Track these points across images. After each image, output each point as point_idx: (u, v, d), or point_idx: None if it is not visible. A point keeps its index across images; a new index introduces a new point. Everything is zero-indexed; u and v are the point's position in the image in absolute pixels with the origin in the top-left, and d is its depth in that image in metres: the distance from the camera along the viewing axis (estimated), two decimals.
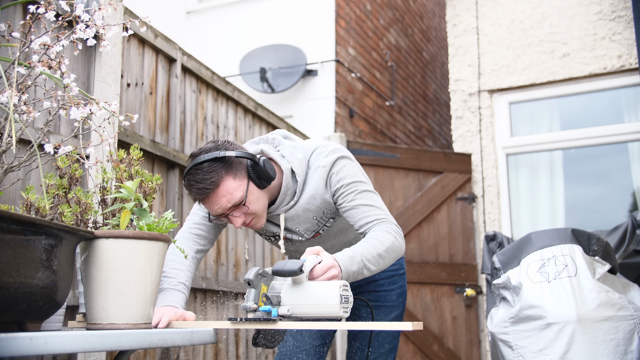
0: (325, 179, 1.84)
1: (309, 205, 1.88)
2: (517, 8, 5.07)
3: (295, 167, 1.86)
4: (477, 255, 4.80)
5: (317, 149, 1.90)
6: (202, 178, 1.69)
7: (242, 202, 1.74)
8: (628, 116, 4.73)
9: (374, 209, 1.81)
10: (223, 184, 1.71)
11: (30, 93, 1.95)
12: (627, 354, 2.24)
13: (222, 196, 1.71)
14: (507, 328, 2.43)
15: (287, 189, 1.86)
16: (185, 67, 3.20)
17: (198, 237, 1.90)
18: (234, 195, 1.73)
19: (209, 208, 1.76)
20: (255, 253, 3.73)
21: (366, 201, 1.82)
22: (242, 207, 1.76)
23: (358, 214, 1.81)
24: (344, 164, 1.85)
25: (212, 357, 3.19)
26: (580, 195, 4.93)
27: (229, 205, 1.73)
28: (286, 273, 1.47)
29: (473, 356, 4.65)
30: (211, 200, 1.72)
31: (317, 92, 5.18)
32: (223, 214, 1.76)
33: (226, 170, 1.72)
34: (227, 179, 1.72)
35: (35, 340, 1.06)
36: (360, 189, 1.83)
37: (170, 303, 1.66)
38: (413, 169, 4.82)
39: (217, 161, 1.72)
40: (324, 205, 1.88)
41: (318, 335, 2.19)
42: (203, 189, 1.69)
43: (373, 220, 1.79)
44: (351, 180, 1.83)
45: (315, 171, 1.85)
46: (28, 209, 1.39)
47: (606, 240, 2.54)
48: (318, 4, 5.35)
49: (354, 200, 1.82)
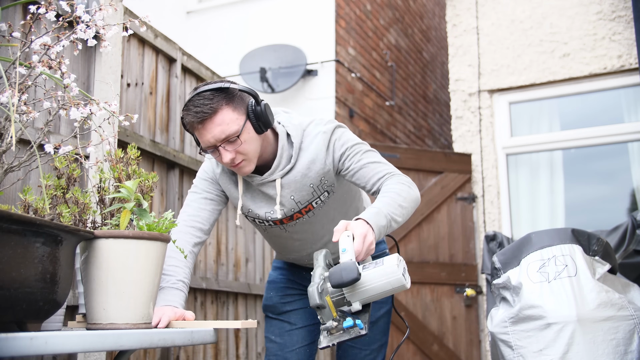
0: (326, 144, 1.87)
1: (308, 171, 1.88)
2: (517, 8, 5.07)
3: (291, 130, 1.88)
4: (477, 255, 4.80)
5: (313, 120, 1.94)
6: (202, 103, 1.70)
7: (236, 135, 1.73)
8: (628, 116, 4.73)
9: (381, 164, 1.87)
10: (221, 112, 1.71)
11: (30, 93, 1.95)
12: (627, 354, 2.24)
13: (217, 124, 1.71)
14: (507, 328, 2.43)
15: (282, 151, 1.87)
16: (185, 67, 3.20)
17: (194, 229, 1.88)
18: (230, 127, 1.73)
19: (201, 137, 1.74)
20: (255, 253, 3.73)
21: (373, 159, 1.88)
22: (236, 142, 1.75)
23: (368, 172, 1.86)
24: (343, 131, 1.92)
25: (212, 357, 3.19)
26: (580, 195, 4.93)
27: (223, 137, 1.72)
28: (350, 282, 1.45)
29: (473, 356, 4.65)
30: (206, 127, 1.72)
31: (317, 92, 5.18)
32: (214, 146, 1.75)
33: (227, 101, 1.73)
34: (226, 109, 1.72)
35: (36, 340, 1.06)
36: (365, 149, 1.90)
37: (169, 302, 1.66)
38: (413, 169, 4.82)
39: (220, 91, 1.73)
40: (323, 172, 1.89)
41: (308, 334, 2.20)
42: (201, 113, 1.70)
43: (384, 174, 1.85)
44: (354, 142, 1.90)
45: (315, 137, 1.88)
46: (26, 210, 1.39)
47: (606, 240, 2.54)
48: (318, 4, 5.35)
49: (362, 160, 1.87)
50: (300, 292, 2.24)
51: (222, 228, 3.44)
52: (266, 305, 2.26)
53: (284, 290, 2.23)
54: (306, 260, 2.15)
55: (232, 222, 3.54)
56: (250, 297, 3.61)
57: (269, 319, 2.25)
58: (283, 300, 2.22)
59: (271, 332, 2.22)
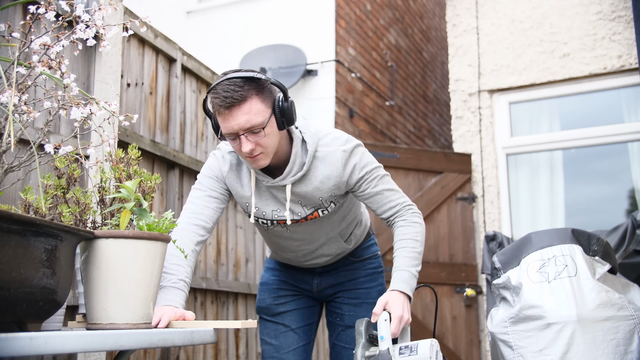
0: (344, 163, 1.89)
1: (321, 185, 1.90)
2: (517, 8, 5.07)
3: (307, 137, 1.88)
4: (477, 255, 4.80)
5: (331, 133, 1.95)
6: (232, 89, 1.69)
7: (261, 127, 1.72)
8: (628, 116, 4.73)
9: (395, 193, 1.97)
10: (250, 101, 1.70)
11: (30, 93, 1.95)
12: (627, 354, 2.23)
13: (244, 113, 1.70)
14: (507, 328, 2.43)
15: (296, 157, 1.87)
16: (185, 67, 3.20)
17: (197, 227, 1.87)
18: (256, 118, 1.71)
19: (225, 122, 1.73)
20: (255, 253, 3.73)
21: (388, 185, 1.96)
22: (259, 134, 1.74)
23: (382, 199, 1.94)
24: (362, 152, 1.94)
25: (212, 357, 3.19)
26: (580, 195, 4.93)
27: (247, 126, 1.71)
28: None
29: (473, 356, 4.65)
30: (232, 113, 1.70)
31: (317, 92, 5.18)
32: (236, 134, 1.74)
33: (257, 91, 1.72)
34: (256, 99, 1.71)
35: (36, 340, 1.06)
36: (381, 174, 1.95)
37: (170, 302, 1.65)
38: (413, 169, 4.82)
39: (251, 80, 1.72)
40: (335, 189, 1.92)
41: (304, 335, 2.21)
42: (230, 98, 1.68)
43: (396, 208, 1.95)
44: (373, 166, 1.93)
45: (334, 153, 1.89)
46: (27, 210, 1.39)
47: (606, 240, 2.53)
48: (318, 4, 5.35)
49: (377, 186, 1.93)
50: (293, 293, 2.23)
51: (222, 228, 3.44)
52: (260, 307, 2.25)
53: (277, 291, 2.23)
54: (302, 260, 2.15)
55: (232, 222, 3.54)
56: (250, 297, 3.61)
57: (263, 321, 2.24)
58: (276, 302, 2.22)
59: (266, 334, 2.22)
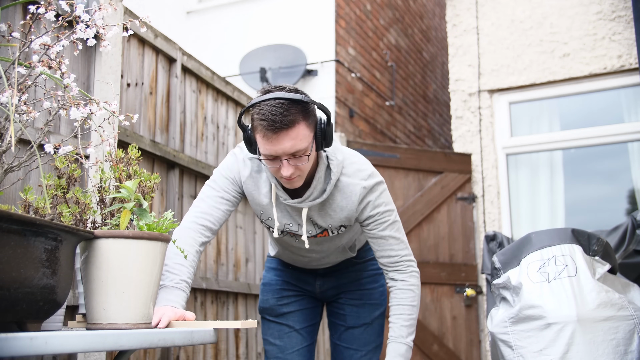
0: (360, 199, 1.87)
1: (334, 214, 1.90)
2: (517, 8, 5.07)
3: (333, 165, 1.85)
4: (477, 255, 4.80)
5: (356, 163, 1.91)
6: (281, 113, 1.63)
7: (305, 153, 1.70)
8: (628, 116, 4.73)
9: (399, 243, 1.93)
10: (297, 127, 1.66)
11: (30, 93, 1.95)
12: (627, 354, 2.23)
13: (290, 138, 1.65)
14: (507, 328, 2.43)
15: (317, 183, 1.85)
16: (185, 67, 3.20)
17: (204, 229, 1.86)
18: (301, 143, 1.68)
19: (268, 145, 1.67)
20: (255, 253, 3.73)
21: (395, 233, 1.92)
22: (301, 159, 1.70)
23: (385, 244, 1.92)
24: (382, 190, 1.90)
25: (212, 357, 3.19)
26: (580, 195, 4.93)
27: (292, 151, 1.67)
28: None
29: (473, 356, 4.65)
30: (279, 138, 1.65)
31: (317, 92, 5.18)
32: (277, 157, 1.70)
33: (304, 115, 1.68)
34: (302, 124, 1.67)
35: (35, 340, 1.06)
36: (392, 220, 1.91)
37: (170, 302, 1.65)
38: (413, 169, 4.82)
39: (298, 103, 1.67)
40: (345, 220, 1.92)
41: (308, 336, 2.22)
42: (279, 123, 1.62)
43: (396, 256, 1.93)
44: (386, 208, 1.90)
45: (354, 187, 1.86)
46: (27, 210, 1.39)
47: (606, 240, 2.53)
48: (318, 4, 5.35)
49: (385, 231, 1.90)
50: (296, 293, 2.23)
51: (222, 228, 3.44)
52: (263, 307, 2.25)
53: (281, 292, 2.23)
54: (306, 263, 2.16)
55: (232, 222, 3.54)
56: (250, 297, 3.61)
57: (266, 322, 2.24)
58: (280, 303, 2.22)
59: (270, 335, 2.22)
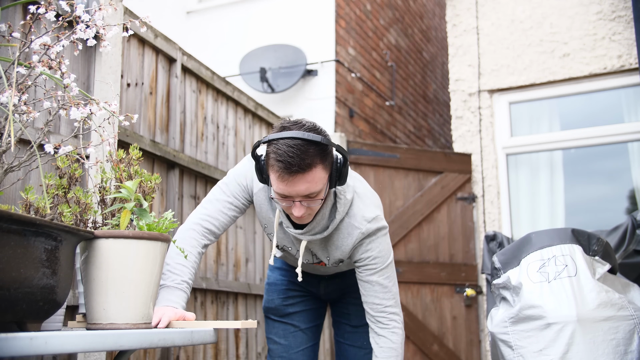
0: (356, 242, 1.85)
1: (331, 251, 1.90)
2: (517, 8, 5.07)
3: (340, 204, 1.82)
4: (477, 255, 4.80)
5: (362, 202, 1.86)
6: (298, 155, 1.58)
7: (318, 195, 1.66)
8: (628, 116, 4.73)
9: (386, 292, 1.87)
10: (314, 170, 1.61)
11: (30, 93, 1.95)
12: (627, 354, 2.23)
13: (306, 181, 1.61)
14: (507, 328, 2.43)
15: (321, 219, 1.82)
16: (185, 67, 3.20)
17: (207, 232, 1.86)
18: (316, 186, 1.64)
19: (282, 185, 1.63)
20: (255, 253, 3.73)
21: (382, 280, 1.87)
22: (314, 200, 1.67)
23: (371, 290, 1.87)
24: (380, 236, 1.86)
25: (212, 357, 3.19)
26: (580, 195, 4.93)
27: (306, 193, 1.64)
28: None
29: (473, 356, 4.65)
30: (294, 181, 1.61)
31: (317, 92, 5.18)
32: (290, 197, 1.66)
33: (321, 158, 1.63)
34: (319, 167, 1.63)
35: (35, 340, 1.06)
36: (381, 267, 1.86)
37: (170, 303, 1.65)
38: (413, 169, 4.82)
39: (316, 145, 1.61)
40: (339, 256, 1.92)
41: (312, 335, 2.23)
42: (295, 167, 1.58)
43: (379, 305, 1.87)
44: (378, 254, 1.85)
45: (353, 229, 1.84)
46: (27, 209, 1.39)
47: (606, 240, 2.54)
48: (318, 4, 5.35)
49: (372, 276, 1.86)
50: (301, 293, 2.24)
51: None
52: (268, 307, 2.25)
53: (286, 292, 2.23)
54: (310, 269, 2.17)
55: None
56: (250, 297, 3.61)
57: (271, 321, 2.24)
58: (285, 303, 2.22)
59: (274, 334, 2.22)
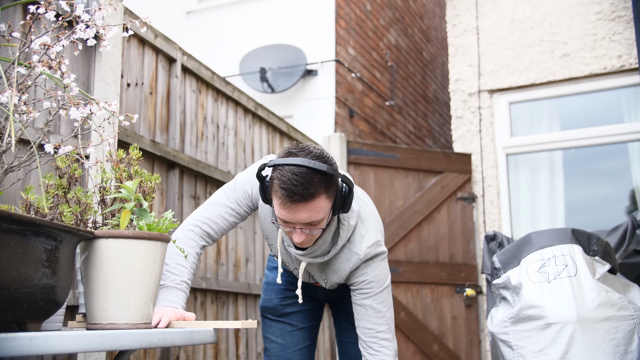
0: (354, 265, 1.85)
1: (329, 274, 1.91)
2: (517, 8, 5.07)
3: (342, 230, 1.81)
4: (477, 255, 4.80)
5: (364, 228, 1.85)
6: (302, 184, 1.57)
7: (319, 224, 1.66)
8: (628, 116, 4.73)
9: (379, 317, 1.85)
10: (317, 200, 1.60)
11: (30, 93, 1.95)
12: (627, 354, 2.23)
13: (308, 210, 1.60)
14: (507, 328, 2.43)
15: (323, 243, 1.81)
16: (185, 67, 3.20)
17: (206, 235, 1.86)
18: (318, 215, 1.63)
19: (284, 212, 1.62)
20: (255, 253, 3.73)
21: (376, 305, 1.85)
22: (315, 227, 1.67)
23: (362, 313, 1.86)
24: (377, 261, 1.86)
25: (212, 357, 3.19)
26: (580, 195, 4.93)
27: (306, 222, 1.63)
28: None
29: (473, 356, 4.65)
30: (297, 209, 1.60)
31: (317, 92, 5.18)
32: (291, 224, 1.66)
33: (325, 188, 1.61)
34: (323, 197, 1.61)
35: (35, 340, 1.06)
36: (376, 292, 1.85)
37: (170, 303, 1.65)
38: (413, 169, 4.82)
39: (321, 174, 1.60)
40: (336, 279, 1.92)
41: (309, 335, 2.23)
42: (298, 195, 1.57)
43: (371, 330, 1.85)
44: (373, 279, 1.85)
45: (352, 255, 1.84)
46: (27, 209, 1.39)
47: (606, 240, 2.54)
48: (318, 4, 5.35)
49: (366, 300, 1.85)
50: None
51: None
52: (265, 307, 2.25)
53: (284, 292, 2.23)
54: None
55: None
56: (250, 297, 3.61)
57: (268, 320, 2.25)
58: (284, 302, 2.22)
59: (271, 333, 2.22)
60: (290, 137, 4.25)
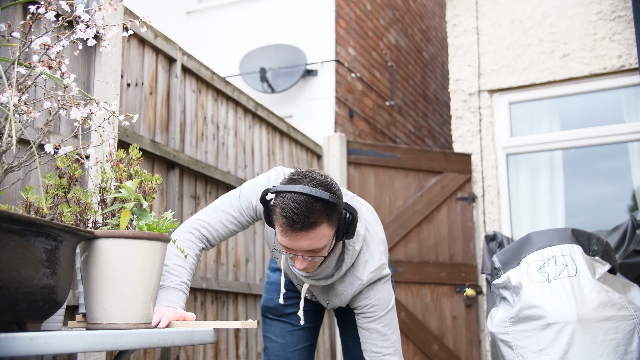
0: (357, 289, 1.85)
1: (332, 297, 1.91)
2: (517, 8, 5.07)
3: (347, 256, 1.81)
4: (477, 255, 4.80)
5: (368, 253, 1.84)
6: (303, 212, 1.56)
7: (321, 252, 1.65)
8: (628, 116, 4.73)
9: (385, 340, 1.84)
10: (319, 228, 1.59)
11: (30, 93, 1.95)
12: (627, 354, 2.24)
13: (309, 239, 1.60)
14: (507, 328, 2.43)
15: (327, 267, 1.81)
16: (185, 67, 3.20)
17: (204, 239, 1.87)
18: (320, 242, 1.62)
19: (285, 239, 1.62)
20: (255, 253, 3.73)
21: (381, 328, 1.84)
22: (317, 254, 1.66)
23: (368, 337, 1.85)
24: (381, 285, 1.85)
25: (212, 357, 3.19)
26: (580, 195, 4.93)
27: (309, 249, 1.63)
28: None
29: (473, 356, 4.65)
30: (298, 237, 1.59)
31: (317, 92, 5.18)
32: (293, 251, 1.65)
33: (327, 216, 1.60)
34: (324, 225, 1.60)
35: (35, 340, 1.06)
36: (380, 315, 1.85)
37: (170, 303, 1.65)
38: (413, 169, 4.82)
39: (323, 202, 1.59)
40: (338, 303, 1.93)
41: (309, 334, 2.23)
42: (300, 224, 1.56)
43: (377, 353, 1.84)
44: (376, 303, 1.84)
45: (355, 280, 1.83)
46: (27, 209, 1.39)
47: (606, 240, 2.54)
48: (318, 4, 5.35)
49: (370, 323, 1.85)
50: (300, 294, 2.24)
51: None
52: (266, 306, 2.26)
53: (286, 292, 2.23)
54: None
55: None
56: (250, 297, 3.61)
57: (268, 320, 2.25)
58: (285, 303, 2.22)
59: (271, 332, 2.23)
60: (290, 137, 4.25)
